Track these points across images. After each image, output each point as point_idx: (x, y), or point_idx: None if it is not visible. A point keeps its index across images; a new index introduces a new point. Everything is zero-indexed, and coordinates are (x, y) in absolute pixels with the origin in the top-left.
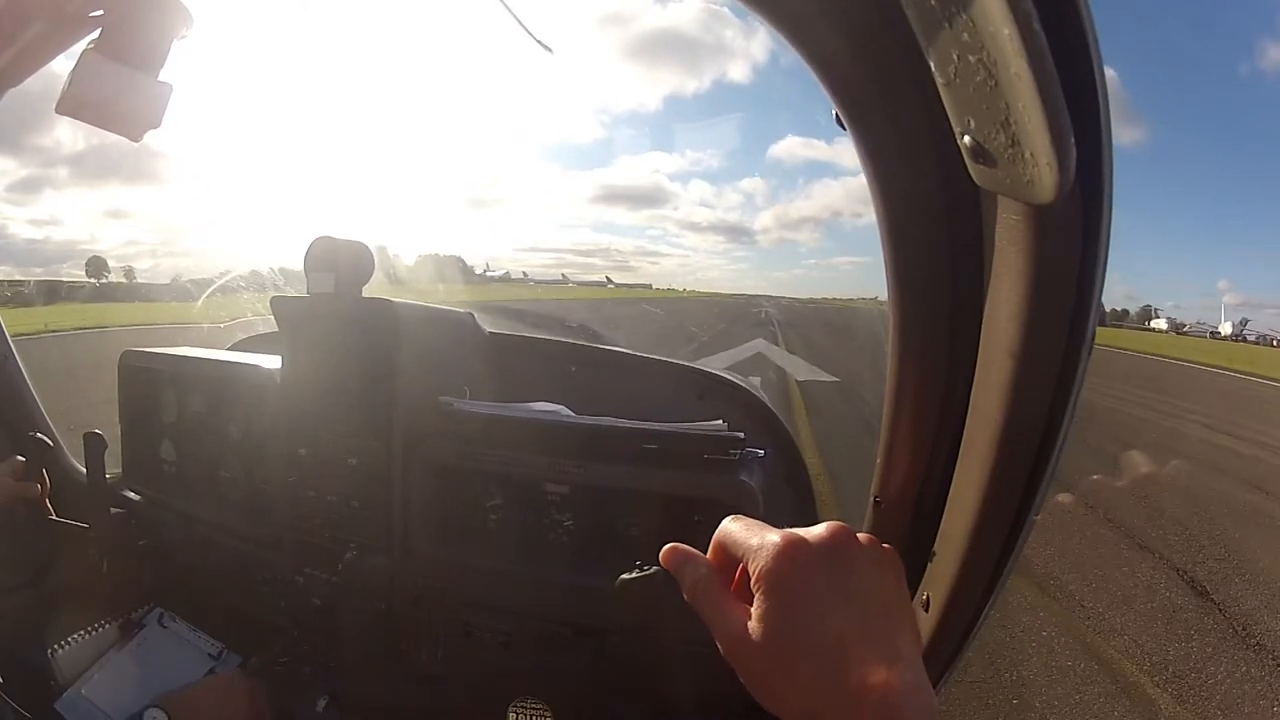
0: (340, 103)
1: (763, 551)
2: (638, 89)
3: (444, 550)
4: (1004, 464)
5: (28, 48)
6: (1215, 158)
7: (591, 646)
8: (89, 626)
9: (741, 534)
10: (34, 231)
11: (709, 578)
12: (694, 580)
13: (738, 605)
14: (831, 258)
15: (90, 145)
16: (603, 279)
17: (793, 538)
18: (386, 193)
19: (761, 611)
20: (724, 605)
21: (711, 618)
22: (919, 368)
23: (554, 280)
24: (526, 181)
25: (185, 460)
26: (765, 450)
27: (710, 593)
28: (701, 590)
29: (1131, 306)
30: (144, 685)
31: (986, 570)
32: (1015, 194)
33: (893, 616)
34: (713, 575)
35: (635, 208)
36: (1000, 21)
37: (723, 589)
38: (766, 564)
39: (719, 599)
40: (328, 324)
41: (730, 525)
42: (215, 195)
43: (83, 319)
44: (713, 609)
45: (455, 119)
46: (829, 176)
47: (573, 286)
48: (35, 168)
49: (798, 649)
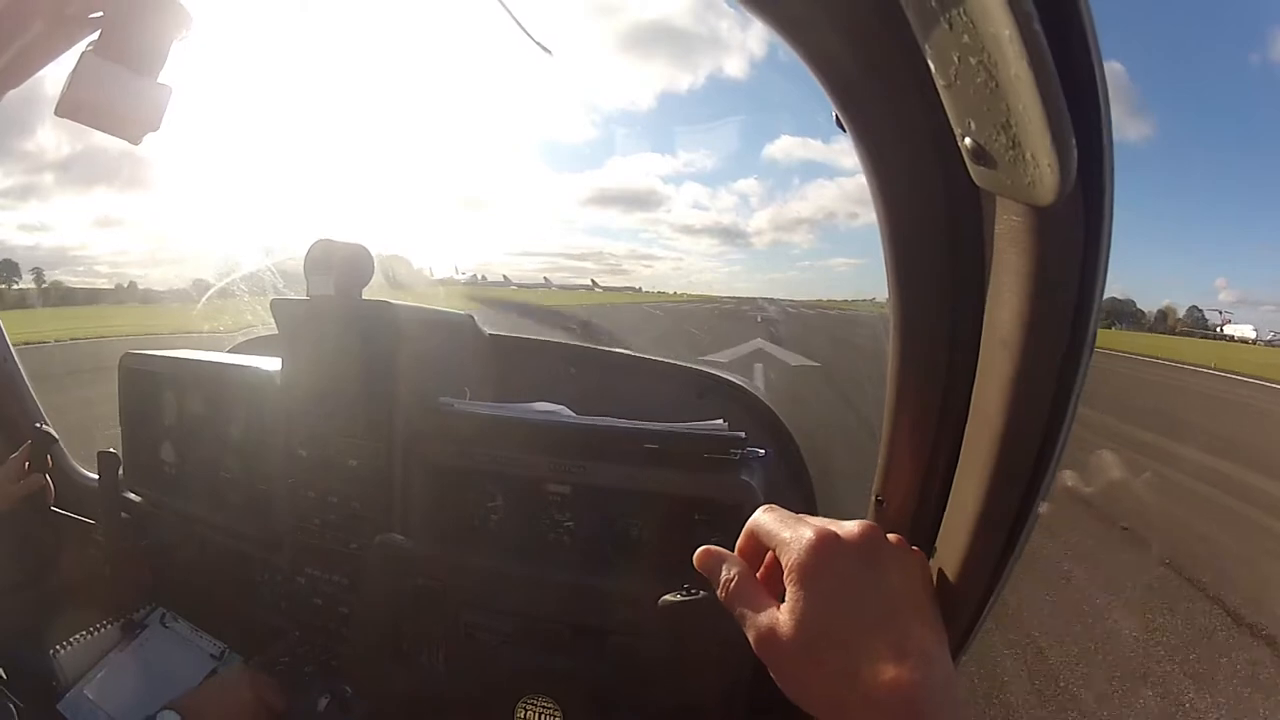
0: (333, 105)
1: (795, 544)
2: (629, 86)
3: (444, 550)
4: (1005, 463)
5: (27, 49)
6: (1216, 152)
7: (592, 646)
8: (91, 627)
9: (774, 525)
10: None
11: (742, 576)
12: (727, 579)
13: (770, 600)
14: (826, 259)
15: (85, 148)
16: (588, 282)
17: (825, 532)
18: (377, 196)
19: (793, 603)
20: (757, 601)
21: (744, 614)
22: (920, 368)
23: (535, 284)
24: (517, 184)
25: (186, 462)
26: (766, 450)
27: (744, 590)
28: (736, 589)
29: (1146, 307)
30: (146, 685)
31: (987, 570)
32: (1016, 195)
33: (921, 614)
34: (747, 573)
35: (628, 210)
36: (1000, 23)
37: (756, 586)
38: (799, 557)
39: (752, 596)
40: (328, 326)
41: (763, 516)
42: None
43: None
44: (745, 606)
45: (444, 121)
46: (824, 177)
47: (555, 290)
48: (22, 175)
49: (828, 640)
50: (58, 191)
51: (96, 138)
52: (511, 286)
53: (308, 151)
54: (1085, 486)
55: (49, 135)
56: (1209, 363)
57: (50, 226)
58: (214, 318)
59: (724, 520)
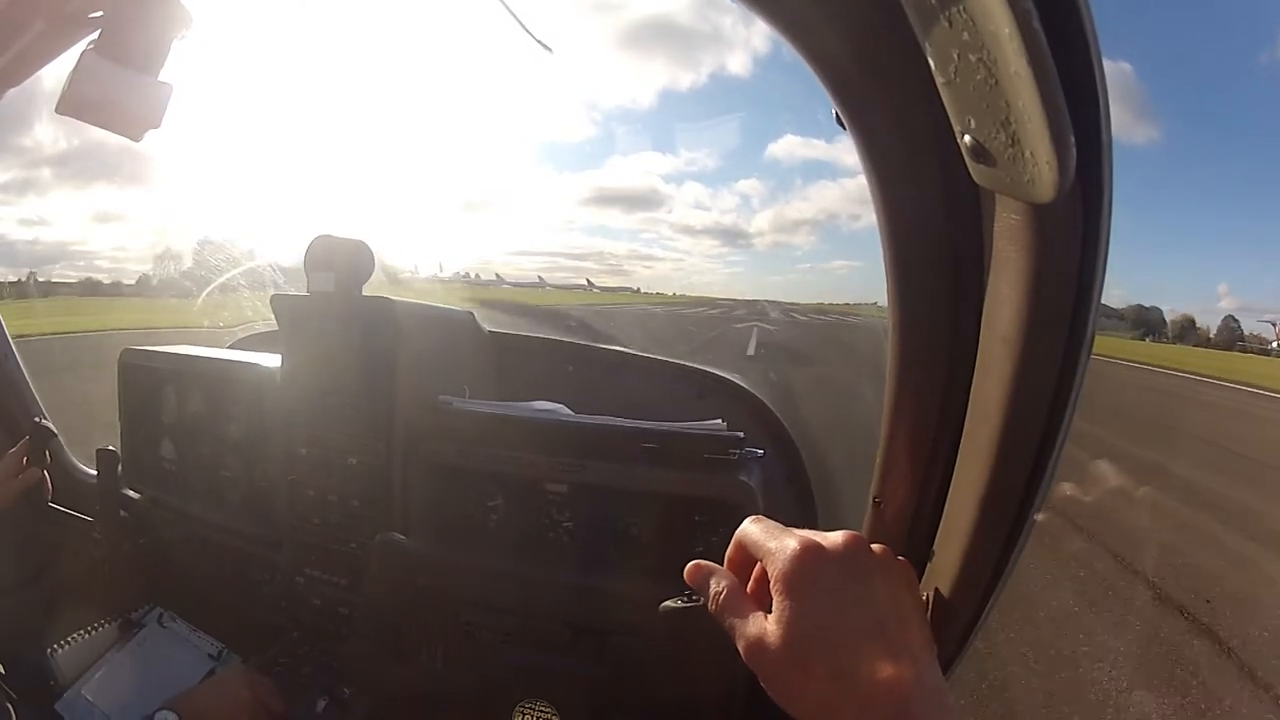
0: (333, 104)
1: (781, 554)
2: (630, 83)
3: (444, 549)
4: (1004, 464)
5: (28, 48)
6: (1217, 155)
7: (590, 645)
8: (89, 626)
9: (761, 536)
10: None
11: (730, 588)
12: (716, 592)
13: (757, 610)
14: (827, 262)
15: (83, 143)
16: (584, 282)
17: (810, 542)
18: (377, 194)
19: (779, 612)
20: (744, 612)
21: (733, 625)
22: (919, 367)
23: (529, 283)
24: (517, 183)
25: (185, 459)
26: (765, 450)
27: (732, 602)
28: (724, 601)
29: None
30: (144, 685)
31: (986, 570)
32: (1015, 193)
33: (907, 621)
34: (735, 586)
35: (629, 210)
36: (1000, 21)
37: (744, 597)
38: (785, 566)
39: (740, 606)
40: (328, 323)
41: (750, 526)
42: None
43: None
44: (734, 616)
45: (443, 120)
46: (827, 177)
47: (549, 290)
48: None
49: (815, 647)
50: (56, 186)
51: (96, 133)
52: (505, 286)
53: (306, 149)
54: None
55: (47, 131)
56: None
57: (49, 221)
58: (212, 313)
59: (722, 520)
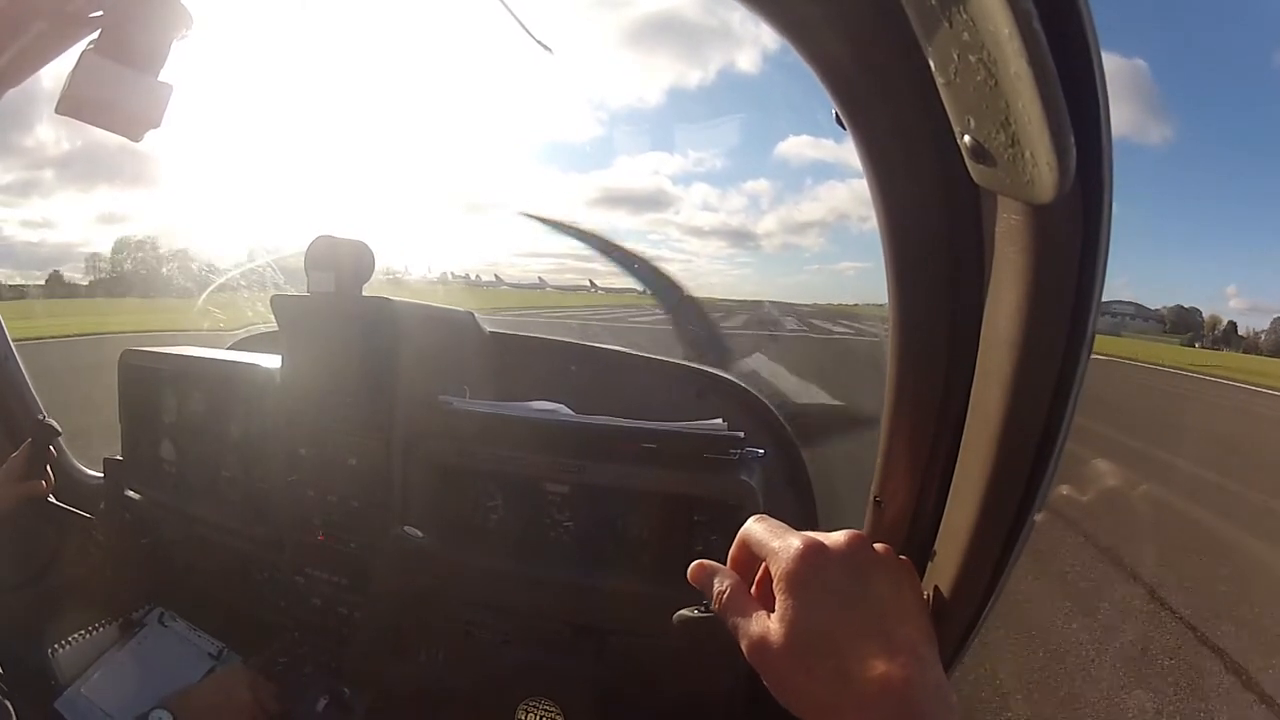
0: (333, 104)
1: (784, 554)
2: (636, 82)
3: (444, 549)
4: (1004, 463)
5: (28, 48)
6: (1223, 157)
7: (591, 645)
8: (89, 626)
9: (764, 535)
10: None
11: (734, 587)
12: (719, 591)
13: (760, 609)
14: (835, 263)
15: (85, 144)
16: (586, 283)
17: (812, 541)
18: (381, 196)
19: (783, 611)
20: (748, 611)
21: (736, 624)
22: (919, 367)
23: (530, 284)
24: (523, 184)
25: (185, 460)
26: (765, 450)
27: (735, 601)
28: (728, 601)
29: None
30: (144, 684)
31: (987, 570)
32: (1015, 193)
33: (909, 619)
34: (738, 585)
35: (636, 211)
36: (1000, 21)
37: (747, 597)
38: (788, 565)
39: (743, 606)
40: (328, 323)
41: (754, 526)
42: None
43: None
44: (737, 615)
45: (448, 121)
46: (835, 178)
47: (550, 292)
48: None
49: (818, 645)
50: (59, 188)
51: (97, 134)
52: (503, 287)
53: (307, 149)
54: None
55: (48, 131)
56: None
57: (54, 223)
58: (208, 314)
59: (723, 520)
